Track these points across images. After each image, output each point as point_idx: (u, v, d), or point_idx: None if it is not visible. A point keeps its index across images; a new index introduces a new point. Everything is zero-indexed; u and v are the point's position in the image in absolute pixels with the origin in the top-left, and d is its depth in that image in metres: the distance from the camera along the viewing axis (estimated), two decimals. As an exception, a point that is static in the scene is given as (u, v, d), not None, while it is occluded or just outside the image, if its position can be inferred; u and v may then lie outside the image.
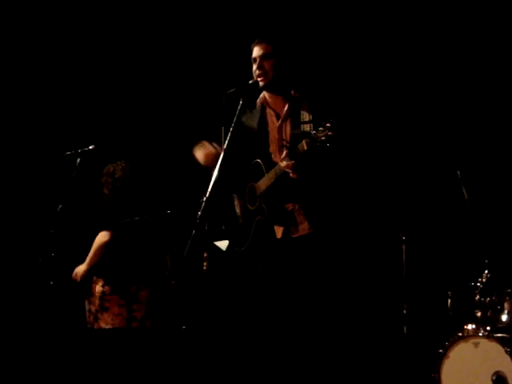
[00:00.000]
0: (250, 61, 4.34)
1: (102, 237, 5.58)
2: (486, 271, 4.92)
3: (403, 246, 5.37)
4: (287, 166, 4.06)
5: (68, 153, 5.39)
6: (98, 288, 5.55)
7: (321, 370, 4.20)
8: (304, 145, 3.99)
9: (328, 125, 3.88)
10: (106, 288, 5.54)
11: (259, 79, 4.25)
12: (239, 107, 4.16)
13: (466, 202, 5.15)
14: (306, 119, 4.16)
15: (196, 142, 4.47)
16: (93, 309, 5.57)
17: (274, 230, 4.28)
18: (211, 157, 4.31)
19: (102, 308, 5.53)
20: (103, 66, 6.66)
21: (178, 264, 5.43)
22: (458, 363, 4.81)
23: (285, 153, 4.11)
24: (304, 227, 4.22)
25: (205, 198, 3.90)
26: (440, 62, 5.87)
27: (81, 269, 5.62)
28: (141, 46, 6.61)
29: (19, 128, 6.62)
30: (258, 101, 4.42)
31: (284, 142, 4.25)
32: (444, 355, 4.85)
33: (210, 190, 3.92)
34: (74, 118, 6.64)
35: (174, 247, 5.54)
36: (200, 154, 4.40)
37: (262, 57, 4.24)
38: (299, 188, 4.17)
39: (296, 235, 4.23)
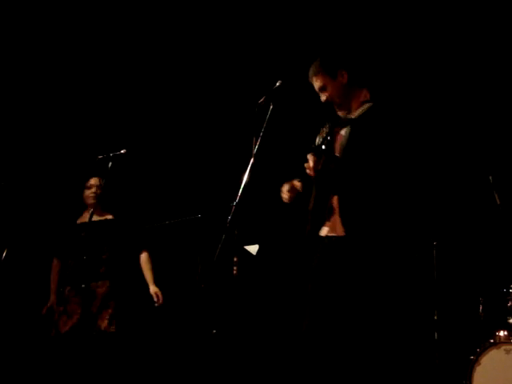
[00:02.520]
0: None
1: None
2: (519, 277, 4.89)
3: (434, 252, 5.34)
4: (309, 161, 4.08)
5: (100, 157, 5.43)
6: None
7: (349, 375, 4.18)
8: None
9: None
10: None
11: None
12: (269, 112, 4.16)
13: (498, 208, 5.11)
14: None
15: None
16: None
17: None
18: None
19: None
20: (137, 72, 6.71)
21: (208, 268, 5.45)
22: (490, 370, 4.77)
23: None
24: (341, 228, 4.18)
25: (235, 203, 3.92)
26: (475, 69, 5.83)
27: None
28: (176, 58, 6.66)
29: (51, 133, 6.68)
30: (330, 122, 4.39)
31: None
32: (475, 362, 4.82)
33: (239, 194, 3.94)
34: (106, 122, 6.69)
35: (204, 251, 5.56)
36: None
37: (321, 89, 4.23)
38: (332, 189, 4.16)
39: (331, 234, 4.21)
